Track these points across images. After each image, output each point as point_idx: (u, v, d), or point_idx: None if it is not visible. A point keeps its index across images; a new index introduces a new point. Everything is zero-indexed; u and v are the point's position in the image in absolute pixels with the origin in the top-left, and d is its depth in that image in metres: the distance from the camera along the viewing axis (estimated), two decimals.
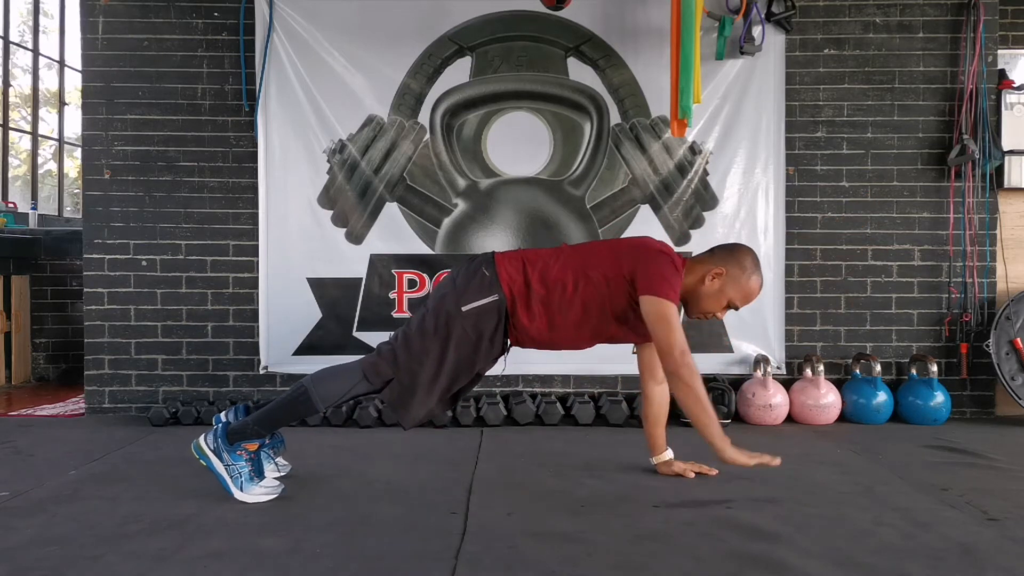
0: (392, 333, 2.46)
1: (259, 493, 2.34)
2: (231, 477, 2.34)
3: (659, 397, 2.59)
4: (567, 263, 2.37)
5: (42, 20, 6.50)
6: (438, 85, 3.67)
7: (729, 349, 3.70)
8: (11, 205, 5.49)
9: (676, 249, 3.56)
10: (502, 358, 2.47)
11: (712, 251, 2.46)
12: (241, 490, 2.33)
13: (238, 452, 2.36)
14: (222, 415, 2.52)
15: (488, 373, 2.58)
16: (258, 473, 2.38)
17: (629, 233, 3.67)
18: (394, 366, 2.34)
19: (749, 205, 3.70)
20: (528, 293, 2.33)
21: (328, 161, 3.67)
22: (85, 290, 3.71)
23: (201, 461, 2.38)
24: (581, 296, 2.34)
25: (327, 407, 2.40)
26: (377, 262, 3.68)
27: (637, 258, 2.32)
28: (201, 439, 2.38)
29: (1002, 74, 3.81)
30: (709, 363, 3.67)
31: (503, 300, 2.32)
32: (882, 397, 3.53)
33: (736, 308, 2.43)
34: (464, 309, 2.31)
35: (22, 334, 4.69)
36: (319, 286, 3.67)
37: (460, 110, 3.68)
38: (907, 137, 3.74)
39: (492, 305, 2.32)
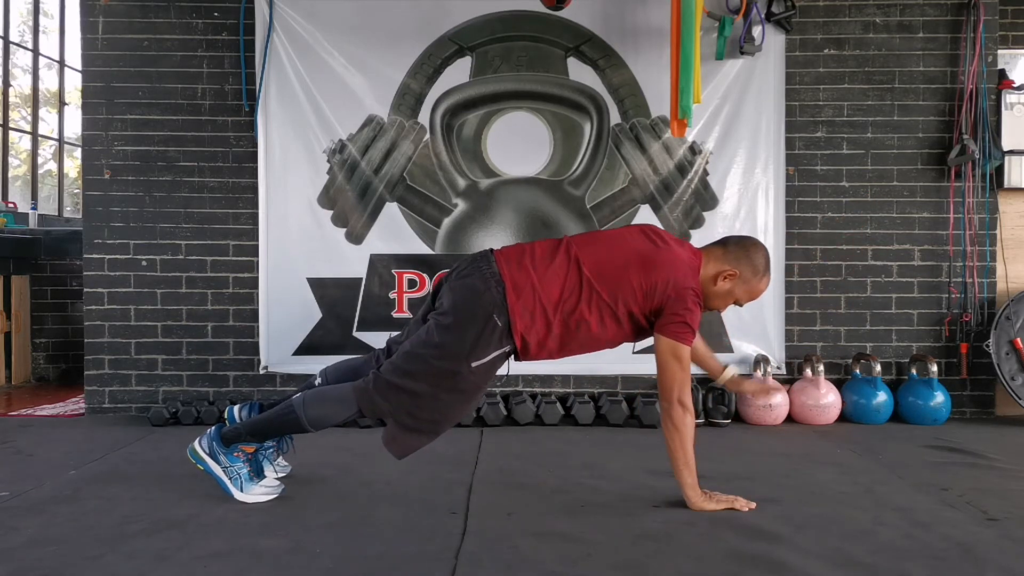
0: (385, 358, 2.36)
1: (259, 493, 2.34)
2: (230, 478, 2.34)
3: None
4: (592, 300, 2.21)
5: (42, 20, 6.49)
6: (438, 85, 3.67)
7: (729, 349, 3.69)
8: (11, 205, 5.49)
9: None
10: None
11: (727, 245, 2.36)
12: (241, 490, 2.33)
13: (235, 454, 2.36)
14: (235, 409, 2.53)
15: None
16: (257, 473, 2.39)
17: None
18: (394, 405, 2.24)
19: (749, 205, 3.70)
20: (547, 335, 2.23)
21: (328, 161, 3.67)
22: (85, 290, 3.71)
23: (198, 466, 2.37)
24: (608, 331, 2.27)
25: (316, 430, 2.32)
26: (377, 262, 3.68)
27: (667, 296, 2.21)
28: (195, 444, 2.37)
29: (1002, 74, 3.81)
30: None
31: (514, 348, 2.24)
32: (882, 397, 3.53)
33: (740, 305, 2.40)
34: (474, 365, 2.20)
35: (22, 334, 4.69)
36: (319, 286, 3.67)
37: (460, 110, 3.68)
38: (907, 137, 3.74)
39: (502, 355, 2.24)
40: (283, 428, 2.36)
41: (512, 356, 2.29)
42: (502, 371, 2.40)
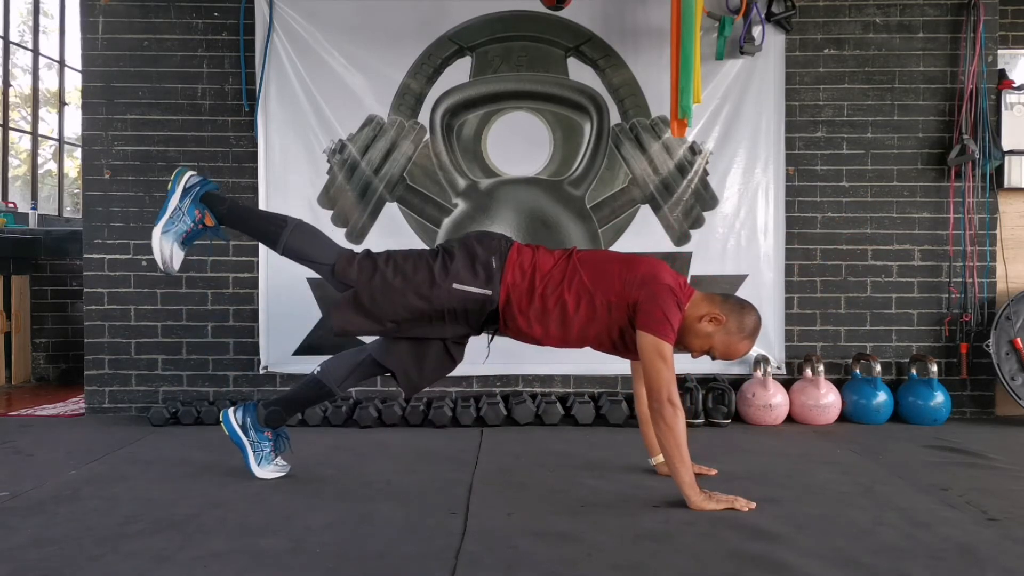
0: (387, 250, 2.43)
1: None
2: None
3: None
4: (574, 280, 2.32)
5: (42, 20, 6.49)
6: (438, 85, 3.67)
7: None
8: (11, 205, 5.48)
9: (676, 250, 3.66)
10: (487, 345, 2.51)
11: (726, 298, 2.41)
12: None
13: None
14: (230, 411, 2.59)
15: (477, 366, 2.70)
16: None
17: (629, 233, 3.68)
18: (362, 281, 2.34)
19: (749, 205, 3.70)
20: (530, 303, 2.31)
21: (328, 161, 3.67)
22: (85, 290, 3.71)
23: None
24: (581, 317, 2.32)
25: (286, 254, 2.42)
26: None
27: (644, 290, 2.27)
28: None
29: (1002, 74, 3.81)
30: (709, 363, 3.66)
31: (495, 300, 2.30)
32: (882, 397, 3.53)
33: (713, 357, 2.40)
34: (455, 287, 2.29)
35: (22, 334, 4.69)
36: (319, 286, 3.67)
37: (460, 110, 3.68)
38: (907, 137, 3.74)
39: (480, 298, 2.30)
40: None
41: (487, 316, 2.33)
42: (471, 366, 2.57)
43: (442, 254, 2.36)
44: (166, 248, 2.38)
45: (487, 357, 2.55)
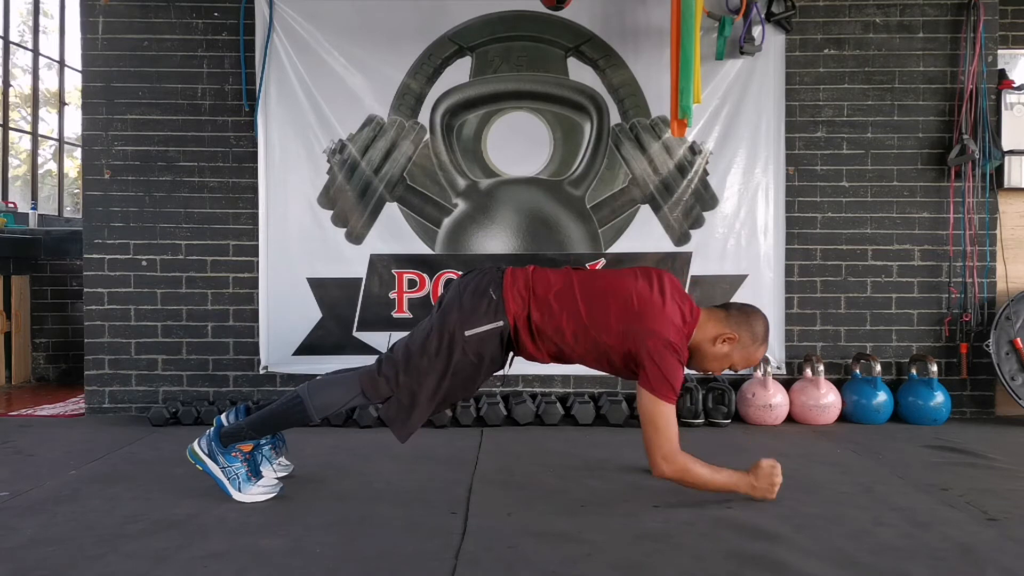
0: (392, 345, 2.42)
1: (257, 493, 2.35)
2: (228, 479, 2.35)
3: None
4: (570, 312, 2.28)
5: (42, 20, 6.49)
6: (438, 85, 3.66)
7: None
8: (11, 205, 5.49)
9: (676, 250, 3.66)
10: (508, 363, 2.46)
11: (729, 310, 2.40)
12: (239, 491, 2.34)
13: (232, 454, 2.37)
14: (222, 416, 2.52)
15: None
16: (255, 473, 2.39)
17: (629, 233, 3.67)
18: (394, 386, 2.32)
19: (749, 205, 3.70)
20: (529, 330, 2.29)
21: (328, 161, 3.67)
22: (85, 290, 3.71)
23: (197, 466, 2.39)
24: (580, 348, 2.31)
25: (322, 417, 2.36)
26: (377, 262, 3.68)
27: (644, 347, 2.21)
28: (195, 444, 2.39)
29: (1002, 74, 3.81)
30: None
31: (507, 327, 2.28)
32: (882, 397, 3.53)
33: (735, 370, 2.42)
34: (467, 334, 2.26)
35: (22, 334, 4.69)
36: (319, 286, 3.67)
37: (460, 110, 3.68)
38: (907, 137, 3.74)
39: (495, 331, 2.28)
40: (287, 419, 2.38)
41: (507, 341, 2.31)
42: (499, 372, 2.44)
43: (442, 311, 2.34)
44: (257, 492, 2.34)
45: (508, 368, 2.52)
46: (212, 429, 2.40)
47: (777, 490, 2.31)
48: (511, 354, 2.41)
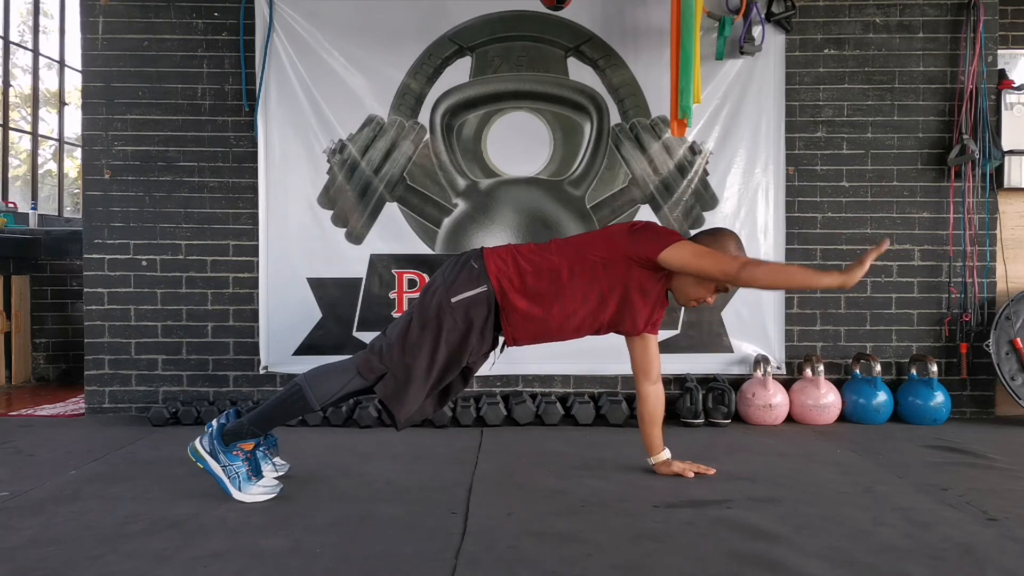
0: (384, 329, 2.46)
1: (257, 493, 2.35)
2: (229, 478, 2.35)
3: (653, 396, 2.59)
4: (561, 252, 2.39)
5: (42, 20, 6.50)
6: (438, 85, 3.67)
7: (729, 349, 3.69)
8: (11, 205, 5.49)
9: None
10: (493, 353, 2.48)
11: (694, 237, 2.44)
12: (239, 490, 2.34)
13: (234, 452, 2.37)
14: (213, 422, 2.52)
15: (481, 372, 2.61)
16: (256, 472, 2.39)
17: None
18: (388, 361, 2.35)
19: (749, 205, 3.70)
20: (522, 282, 2.34)
21: (328, 161, 3.67)
22: (85, 290, 3.71)
23: (198, 464, 2.39)
24: (578, 281, 2.34)
25: (322, 405, 2.39)
26: (377, 262, 3.68)
27: (629, 235, 2.35)
28: (196, 442, 2.39)
29: (1002, 74, 3.81)
30: (709, 363, 3.68)
31: (491, 291, 2.33)
32: (882, 397, 3.53)
33: (724, 291, 2.42)
34: (454, 300, 2.32)
35: (22, 334, 4.69)
36: (319, 286, 3.67)
37: (460, 110, 3.68)
38: (907, 137, 3.74)
39: (481, 296, 2.33)
40: (289, 410, 2.39)
41: (495, 311, 2.34)
42: (488, 365, 2.52)
43: (425, 290, 2.42)
44: (257, 492, 2.35)
45: (493, 364, 2.56)
46: (214, 428, 2.40)
47: (859, 274, 2.17)
48: (501, 340, 2.44)
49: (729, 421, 3.52)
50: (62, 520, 2.16)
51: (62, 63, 6.50)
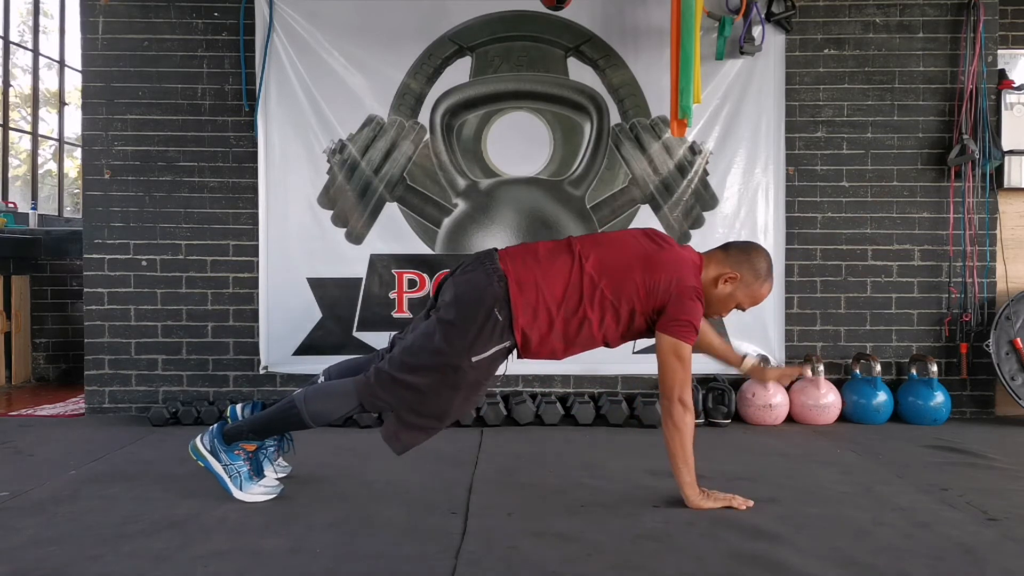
0: (390, 353, 2.34)
1: (259, 492, 2.35)
2: (230, 477, 2.34)
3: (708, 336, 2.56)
4: (595, 298, 2.22)
5: (42, 20, 6.50)
6: (438, 85, 3.66)
7: None
8: (11, 205, 5.49)
9: None
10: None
11: (728, 250, 2.37)
12: (240, 489, 2.34)
13: (235, 452, 2.37)
14: (237, 407, 2.53)
15: None
16: (257, 472, 2.39)
17: None
18: (395, 399, 2.26)
19: (749, 205, 3.70)
20: (550, 332, 2.24)
21: (328, 161, 3.67)
22: (85, 290, 3.71)
23: (199, 463, 2.38)
24: (607, 328, 2.27)
25: (318, 425, 2.33)
26: (377, 262, 3.68)
27: (669, 295, 2.21)
28: (197, 440, 2.38)
29: (1002, 74, 3.81)
30: (709, 363, 3.66)
31: (514, 344, 2.24)
32: (882, 397, 3.53)
33: (743, 310, 2.40)
34: (474, 360, 2.19)
35: (22, 334, 4.69)
36: (319, 286, 3.67)
37: (460, 110, 3.68)
38: (907, 137, 3.74)
39: (502, 351, 2.24)
40: (285, 424, 2.36)
41: (513, 352, 2.28)
42: (500, 370, 2.40)
43: (442, 328, 2.21)
44: (258, 491, 2.34)
45: (504, 374, 2.50)
46: (215, 426, 2.39)
47: (708, 505, 2.25)
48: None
49: (729, 421, 3.52)
50: (62, 520, 2.16)
51: (62, 63, 6.50)
